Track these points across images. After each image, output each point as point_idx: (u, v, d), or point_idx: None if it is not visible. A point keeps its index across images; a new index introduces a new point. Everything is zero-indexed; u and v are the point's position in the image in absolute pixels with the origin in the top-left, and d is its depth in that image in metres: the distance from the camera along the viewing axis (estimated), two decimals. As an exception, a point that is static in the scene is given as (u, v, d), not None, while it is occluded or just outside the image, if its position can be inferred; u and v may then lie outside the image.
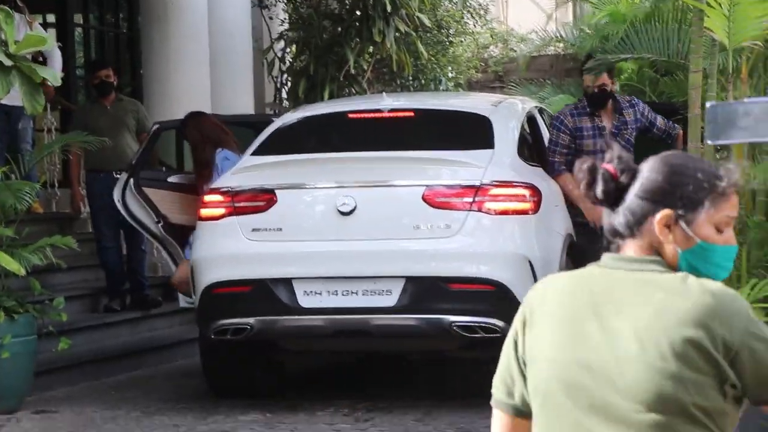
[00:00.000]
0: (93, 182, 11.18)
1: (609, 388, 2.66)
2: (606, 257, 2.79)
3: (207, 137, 9.54)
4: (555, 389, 2.71)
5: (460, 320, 7.92)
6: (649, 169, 2.75)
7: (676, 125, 9.33)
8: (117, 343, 10.59)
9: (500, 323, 7.88)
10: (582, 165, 2.78)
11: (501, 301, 7.92)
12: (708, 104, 2.92)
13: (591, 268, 2.81)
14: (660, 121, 9.29)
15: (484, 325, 7.92)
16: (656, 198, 2.71)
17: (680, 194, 2.70)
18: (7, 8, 7.91)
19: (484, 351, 8.78)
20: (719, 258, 2.74)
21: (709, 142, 2.91)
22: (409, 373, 10.01)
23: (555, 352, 2.72)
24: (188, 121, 9.85)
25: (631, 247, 2.76)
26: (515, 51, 20.85)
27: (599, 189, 2.76)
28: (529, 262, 8.04)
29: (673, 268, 2.74)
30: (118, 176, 10.53)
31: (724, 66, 8.08)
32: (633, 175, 2.75)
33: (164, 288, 11.89)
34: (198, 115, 9.98)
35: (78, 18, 14.92)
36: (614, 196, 2.76)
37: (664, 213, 2.71)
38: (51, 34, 13.00)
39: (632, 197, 2.74)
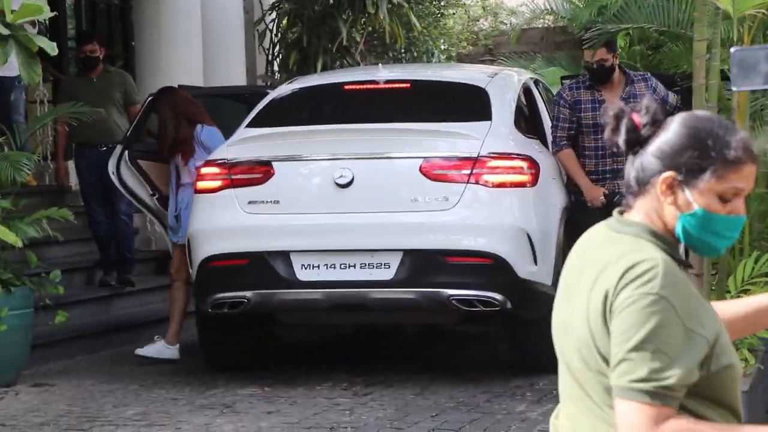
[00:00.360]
0: (80, 156, 11.04)
1: (569, 349, 2.75)
2: (614, 215, 2.81)
3: (180, 113, 9.27)
4: (555, 342, 2.85)
5: (459, 293, 7.87)
6: (670, 128, 2.75)
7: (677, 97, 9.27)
8: (112, 316, 10.55)
9: (498, 296, 7.85)
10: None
11: (499, 274, 7.88)
12: (732, 50, 2.89)
13: (597, 228, 2.84)
14: (672, 97, 9.16)
15: (482, 298, 7.87)
16: (664, 158, 2.71)
17: (686, 158, 2.70)
18: (2, -22, 7.82)
19: (483, 324, 8.79)
20: (720, 227, 2.72)
21: (734, 89, 2.90)
22: (406, 346, 9.98)
23: (555, 311, 2.85)
24: (160, 96, 9.47)
25: (635, 207, 2.77)
26: (505, 24, 20.78)
27: (621, 137, 2.77)
28: (527, 234, 8.00)
29: (671, 232, 2.73)
30: (103, 149, 10.44)
31: (727, 35, 8.00)
32: (657, 129, 2.75)
33: (157, 262, 11.85)
34: (169, 90, 9.62)
35: (69, -11, 14.81)
36: (635, 147, 2.75)
37: (667, 174, 2.70)
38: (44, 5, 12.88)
39: (648, 153, 2.74)
